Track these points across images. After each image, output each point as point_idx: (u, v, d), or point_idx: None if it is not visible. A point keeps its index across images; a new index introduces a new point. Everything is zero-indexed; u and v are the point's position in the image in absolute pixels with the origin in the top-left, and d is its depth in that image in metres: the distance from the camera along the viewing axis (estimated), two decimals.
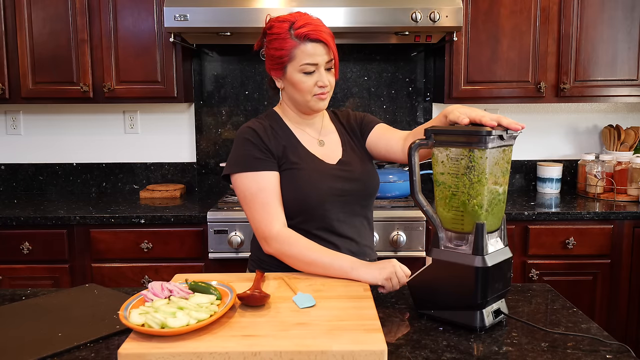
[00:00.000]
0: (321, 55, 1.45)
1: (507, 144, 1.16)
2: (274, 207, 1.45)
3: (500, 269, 1.17)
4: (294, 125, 1.57)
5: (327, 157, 1.56)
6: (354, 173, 1.55)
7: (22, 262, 2.46)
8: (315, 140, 1.58)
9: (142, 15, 2.63)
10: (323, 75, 1.47)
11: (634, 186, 2.70)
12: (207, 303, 1.13)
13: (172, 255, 2.47)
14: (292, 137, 1.55)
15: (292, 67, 1.46)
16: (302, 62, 1.44)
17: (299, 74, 1.46)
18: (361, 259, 1.49)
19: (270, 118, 1.57)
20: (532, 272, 2.49)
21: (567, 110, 3.10)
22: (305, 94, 1.48)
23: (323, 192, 1.49)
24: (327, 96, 1.50)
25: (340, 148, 1.59)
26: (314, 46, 1.44)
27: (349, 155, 1.58)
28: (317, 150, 1.56)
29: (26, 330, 1.17)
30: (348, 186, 1.53)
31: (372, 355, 0.97)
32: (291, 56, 1.44)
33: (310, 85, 1.46)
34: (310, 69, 1.45)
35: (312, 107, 1.51)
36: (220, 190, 3.06)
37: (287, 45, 1.44)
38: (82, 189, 3.09)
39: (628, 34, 2.67)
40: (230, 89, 3.02)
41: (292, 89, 1.50)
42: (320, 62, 1.45)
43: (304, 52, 1.43)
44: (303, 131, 1.57)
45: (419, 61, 3.03)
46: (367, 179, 1.57)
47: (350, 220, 1.54)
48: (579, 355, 1.06)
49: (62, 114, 3.05)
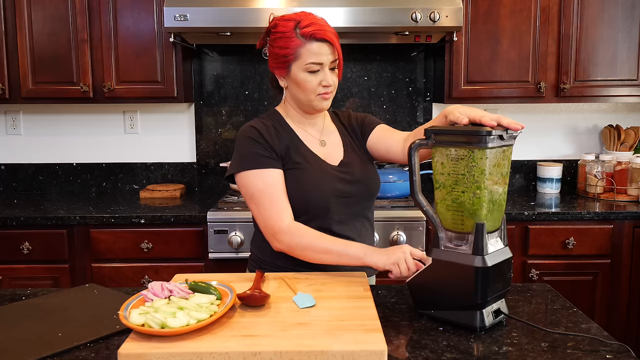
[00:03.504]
0: (326, 55, 1.45)
1: (507, 144, 1.16)
2: (282, 202, 1.45)
3: (500, 269, 1.17)
4: (296, 124, 1.57)
5: (329, 158, 1.56)
6: (355, 175, 1.55)
7: (22, 262, 2.46)
8: (316, 141, 1.58)
9: (142, 15, 2.63)
10: (327, 75, 1.47)
11: (634, 186, 2.70)
12: (207, 303, 1.13)
13: (172, 255, 2.47)
14: (294, 136, 1.55)
15: (297, 66, 1.46)
16: (308, 61, 1.44)
17: (304, 73, 1.46)
18: None
19: (272, 118, 1.57)
20: (532, 272, 2.49)
21: (567, 110, 3.10)
22: (309, 93, 1.48)
23: (326, 192, 1.49)
24: (331, 96, 1.51)
25: (341, 149, 1.59)
26: (319, 45, 1.44)
27: (351, 156, 1.58)
28: (319, 150, 1.56)
29: (26, 330, 1.17)
30: (350, 188, 1.53)
31: (372, 355, 0.97)
32: (296, 55, 1.44)
33: (314, 85, 1.47)
34: (315, 68, 1.45)
35: (316, 107, 1.51)
36: (220, 190, 3.06)
37: (292, 44, 1.44)
38: (82, 189, 3.09)
39: (628, 33, 2.67)
40: (230, 89, 3.02)
41: (296, 88, 1.50)
42: (325, 61, 1.45)
43: (309, 51, 1.44)
44: (305, 131, 1.57)
45: (419, 61, 3.03)
46: (369, 180, 1.58)
47: (350, 221, 1.55)
48: (579, 355, 1.06)
49: (62, 114, 3.05)
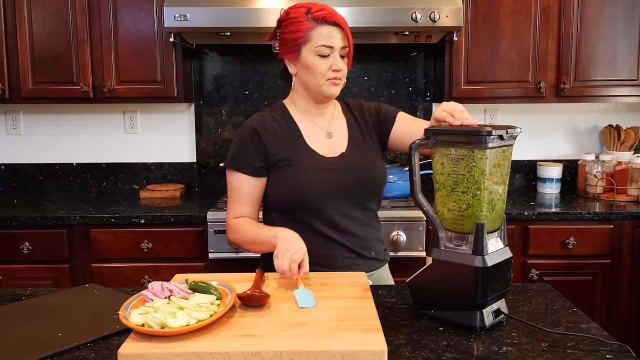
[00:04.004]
0: (337, 39, 1.46)
1: (507, 144, 1.16)
2: (239, 204, 1.54)
3: (500, 269, 1.17)
4: (303, 116, 1.57)
5: (331, 150, 1.55)
6: (355, 166, 1.54)
7: (22, 262, 2.46)
8: (322, 132, 1.57)
9: (142, 15, 2.63)
10: (337, 60, 1.48)
11: (634, 186, 2.70)
12: (207, 303, 1.13)
13: (172, 255, 2.47)
14: (295, 131, 1.54)
15: (307, 49, 1.46)
16: (318, 44, 1.45)
17: (314, 56, 1.46)
18: (366, 254, 1.54)
19: (276, 111, 1.58)
20: (532, 272, 2.49)
21: (567, 110, 3.10)
22: (319, 77, 1.48)
23: (319, 185, 1.48)
24: (340, 83, 1.50)
25: (345, 141, 1.58)
26: (330, 29, 1.45)
27: (354, 148, 1.57)
28: (322, 143, 1.55)
29: (26, 330, 1.17)
30: (347, 179, 1.51)
31: (372, 355, 0.97)
32: (307, 38, 1.46)
33: (324, 69, 1.47)
34: (325, 52, 1.46)
35: (325, 92, 1.50)
36: (220, 190, 3.06)
37: (303, 27, 1.45)
38: (82, 189, 3.09)
39: (628, 33, 2.67)
40: (230, 89, 3.02)
41: (305, 72, 1.50)
42: (336, 45, 1.46)
43: (320, 34, 1.45)
44: (311, 122, 1.57)
45: (419, 61, 3.03)
46: (368, 170, 1.55)
47: (353, 214, 1.53)
48: (579, 355, 1.06)
49: (62, 114, 3.05)
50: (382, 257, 1.61)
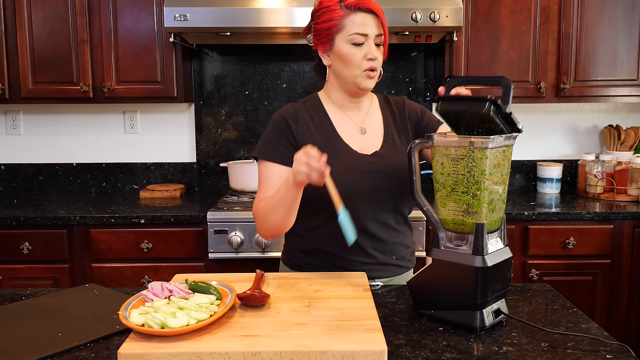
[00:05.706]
0: (371, 27, 1.40)
1: (507, 144, 1.16)
2: (267, 189, 1.46)
3: (500, 269, 1.17)
4: (337, 109, 1.51)
5: (364, 147, 1.49)
6: (388, 167, 1.46)
7: (22, 262, 2.46)
8: (356, 127, 1.51)
9: (142, 15, 2.63)
10: (372, 48, 1.41)
11: (634, 186, 2.70)
12: (207, 303, 1.13)
13: (172, 255, 2.47)
14: (328, 124, 1.49)
15: (341, 37, 1.41)
16: (352, 32, 1.40)
17: (348, 45, 1.41)
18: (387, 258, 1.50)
19: (309, 103, 1.53)
20: (532, 272, 2.49)
21: (567, 110, 3.10)
22: (354, 67, 1.42)
23: (349, 188, 1.40)
24: (376, 75, 1.44)
25: (381, 138, 1.51)
26: (363, 16, 1.40)
27: (389, 147, 1.50)
28: (355, 138, 1.49)
29: (26, 330, 1.17)
30: (379, 181, 1.45)
31: (372, 355, 0.97)
32: (340, 26, 1.40)
33: (359, 58, 1.41)
34: (359, 40, 1.40)
35: (359, 85, 1.44)
36: (220, 190, 3.06)
37: (336, 16, 1.40)
38: (82, 189, 3.09)
39: (628, 33, 2.67)
40: (230, 89, 3.02)
41: (339, 63, 1.44)
42: (370, 33, 1.40)
43: (353, 22, 1.40)
44: (345, 116, 1.51)
45: (419, 61, 3.03)
46: (402, 173, 1.44)
47: (380, 218, 1.48)
48: (579, 355, 1.06)
49: (62, 114, 3.05)
50: (403, 263, 1.54)
